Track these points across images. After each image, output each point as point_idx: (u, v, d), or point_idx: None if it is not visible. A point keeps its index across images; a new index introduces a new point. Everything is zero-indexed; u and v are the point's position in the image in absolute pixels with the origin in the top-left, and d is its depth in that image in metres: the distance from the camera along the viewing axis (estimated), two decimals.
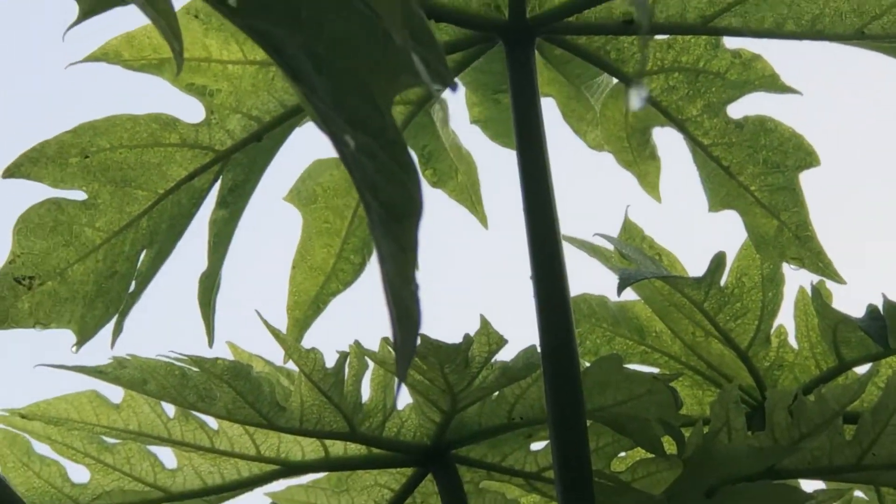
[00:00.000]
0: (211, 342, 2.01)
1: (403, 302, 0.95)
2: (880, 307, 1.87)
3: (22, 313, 1.92)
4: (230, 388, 1.93)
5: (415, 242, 0.97)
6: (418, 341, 1.04)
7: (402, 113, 1.98)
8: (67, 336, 1.95)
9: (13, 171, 1.84)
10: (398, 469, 2.12)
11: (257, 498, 2.12)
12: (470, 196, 2.15)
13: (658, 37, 1.99)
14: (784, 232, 1.97)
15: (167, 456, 2.00)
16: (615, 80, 2.06)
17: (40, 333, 1.92)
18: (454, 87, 1.72)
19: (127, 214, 1.91)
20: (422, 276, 0.95)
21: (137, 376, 1.91)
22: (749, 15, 1.94)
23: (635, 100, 2.01)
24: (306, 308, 2.10)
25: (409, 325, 0.94)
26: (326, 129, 0.98)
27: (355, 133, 0.97)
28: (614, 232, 2.00)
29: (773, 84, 1.98)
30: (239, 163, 1.96)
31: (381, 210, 0.98)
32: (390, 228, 0.98)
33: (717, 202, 2.01)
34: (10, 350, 1.80)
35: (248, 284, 1.82)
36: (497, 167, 2.05)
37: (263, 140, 1.94)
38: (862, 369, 2.00)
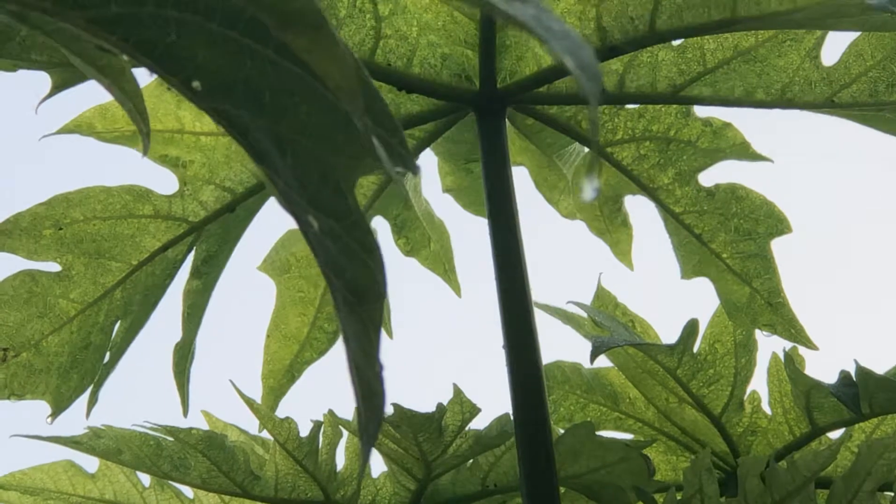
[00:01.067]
0: (185, 411, 1.98)
1: (367, 381, 0.97)
2: (853, 373, 1.85)
3: None
4: (205, 458, 1.93)
5: (378, 323, 0.98)
6: (391, 411, 1.06)
7: (374, 182, 1.97)
8: (42, 406, 1.89)
9: None
10: None
11: None
12: (443, 264, 2.15)
13: (629, 106, 1.98)
14: (756, 299, 1.99)
15: None
16: (587, 149, 2.07)
17: (15, 404, 1.88)
18: (416, 171, 1.72)
19: (101, 286, 1.91)
20: (394, 346, 0.99)
21: (112, 446, 1.89)
22: (719, 84, 1.95)
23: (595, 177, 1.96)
24: (281, 377, 2.09)
25: (374, 404, 0.97)
26: (290, 209, 0.98)
27: (318, 214, 0.98)
28: (588, 299, 2.01)
29: (744, 152, 1.99)
30: (213, 234, 1.96)
31: (345, 291, 0.99)
32: (354, 309, 1.00)
33: (690, 269, 2.02)
34: None
35: (223, 353, 1.86)
36: (472, 234, 2.06)
37: (237, 211, 1.94)
38: (835, 434, 1.99)
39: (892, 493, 1.81)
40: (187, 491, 2.05)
